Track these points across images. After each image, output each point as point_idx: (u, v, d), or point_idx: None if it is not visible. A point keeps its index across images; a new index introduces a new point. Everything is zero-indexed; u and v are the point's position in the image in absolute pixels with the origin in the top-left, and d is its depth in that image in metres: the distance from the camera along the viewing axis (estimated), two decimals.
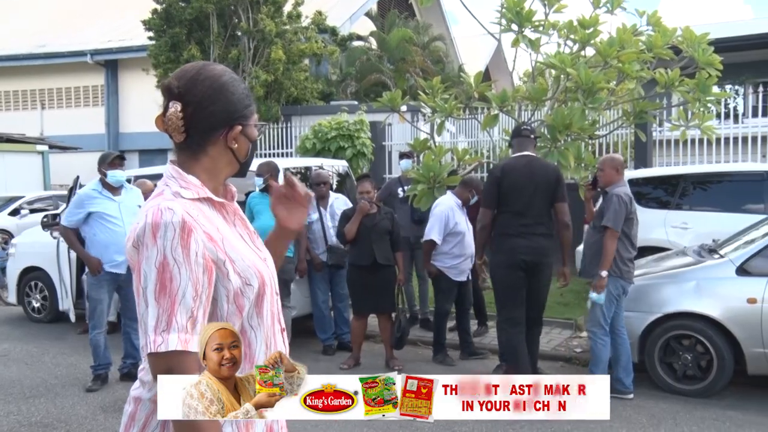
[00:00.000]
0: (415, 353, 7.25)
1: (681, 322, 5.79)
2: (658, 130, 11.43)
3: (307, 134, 11.92)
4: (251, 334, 1.68)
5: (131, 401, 1.71)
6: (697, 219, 7.99)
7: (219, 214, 1.71)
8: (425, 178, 6.87)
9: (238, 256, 1.65)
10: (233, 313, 1.63)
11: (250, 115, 1.75)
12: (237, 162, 1.75)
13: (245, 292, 1.65)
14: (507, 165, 5.68)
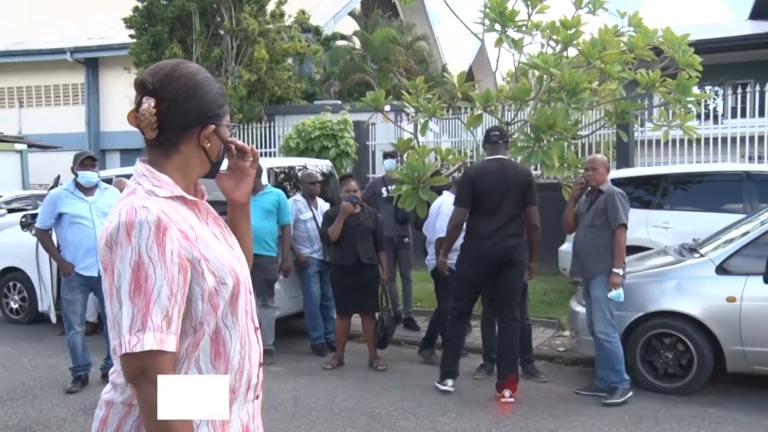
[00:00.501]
0: (398, 353, 7.27)
1: (662, 320, 5.85)
2: (640, 131, 11.52)
3: (291, 134, 11.90)
4: (226, 334, 1.67)
5: (103, 405, 1.69)
6: (678, 218, 8.07)
7: (192, 212, 1.70)
8: (409, 178, 6.87)
9: (213, 255, 1.64)
10: (208, 313, 1.62)
11: (223, 114, 1.74)
12: (209, 162, 1.75)
13: (220, 291, 1.63)
14: (480, 167, 5.89)
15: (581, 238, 5.83)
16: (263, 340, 7.29)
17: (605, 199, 5.67)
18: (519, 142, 7.39)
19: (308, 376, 6.49)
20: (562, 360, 6.90)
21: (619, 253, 5.57)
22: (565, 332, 7.43)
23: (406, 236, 8.05)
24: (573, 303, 6.56)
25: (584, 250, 5.75)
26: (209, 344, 1.64)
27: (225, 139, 1.77)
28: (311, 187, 7.54)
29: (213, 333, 1.65)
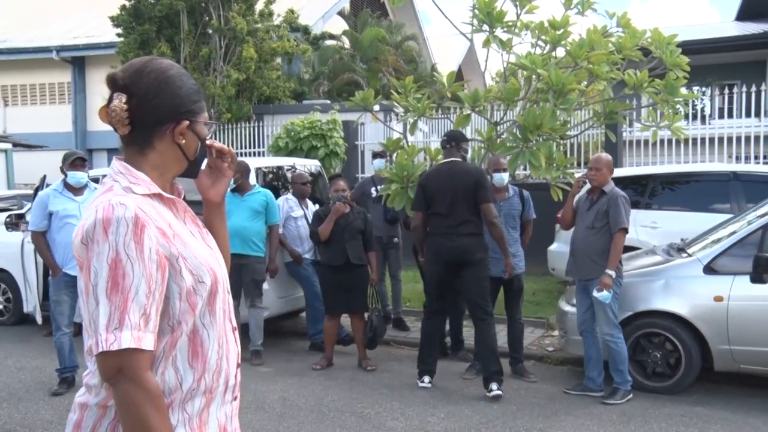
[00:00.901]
0: (388, 353, 7.27)
1: (650, 320, 5.88)
2: (628, 131, 11.59)
3: (280, 133, 11.89)
4: (204, 333, 1.65)
5: (76, 408, 1.66)
6: (666, 218, 8.12)
7: (170, 210, 1.69)
8: (398, 177, 6.89)
9: (191, 253, 1.63)
10: (186, 311, 1.61)
11: (198, 111, 1.73)
12: (185, 159, 1.73)
13: (198, 290, 1.63)
14: (432, 171, 6.20)
15: (580, 239, 5.82)
16: (252, 341, 7.30)
17: (608, 202, 5.65)
18: (507, 142, 7.42)
19: (297, 377, 6.49)
20: (551, 360, 6.92)
21: (614, 256, 5.58)
22: (554, 332, 7.46)
23: (396, 236, 8.06)
24: (562, 303, 6.58)
25: (583, 252, 5.75)
26: (187, 344, 1.63)
27: (202, 136, 1.75)
28: (302, 188, 7.56)
29: (191, 332, 1.63)
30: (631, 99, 8.79)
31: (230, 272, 6.27)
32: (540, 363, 6.87)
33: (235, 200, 7.02)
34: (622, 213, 5.61)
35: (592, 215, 5.74)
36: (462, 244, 5.83)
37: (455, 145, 6.15)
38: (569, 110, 6.85)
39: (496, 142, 7.48)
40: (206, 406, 1.66)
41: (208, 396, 1.66)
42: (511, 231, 6.32)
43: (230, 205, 6.98)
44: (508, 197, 6.34)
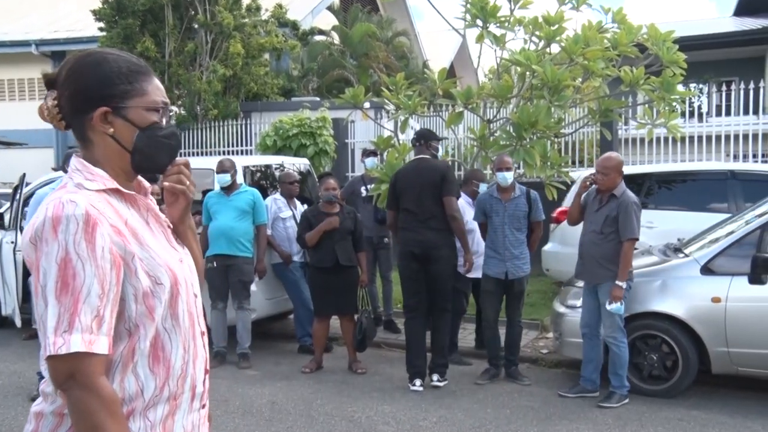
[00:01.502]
0: (378, 356, 7.27)
1: (647, 321, 5.90)
2: (624, 129, 11.62)
3: (268, 131, 11.86)
4: (165, 337, 1.61)
5: (32, 418, 1.60)
6: (663, 218, 8.14)
7: (130, 207, 1.64)
8: (388, 177, 6.90)
9: (148, 253, 1.58)
10: (143, 314, 1.57)
11: (129, 95, 1.63)
12: (125, 151, 1.64)
13: (156, 292, 1.58)
14: (401, 169, 6.46)
15: (588, 242, 5.79)
16: (240, 343, 7.29)
17: (618, 208, 5.60)
18: (500, 140, 7.44)
19: (286, 380, 6.48)
20: (545, 362, 6.94)
21: (624, 267, 5.55)
22: (549, 334, 7.47)
23: (386, 236, 8.04)
24: (556, 304, 6.60)
25: (592, 256, 5.73)
26: (147, 348, 1.58)
27: (139, 123, 1.64)
28: (290, 187, 7.55)
29: (152, 337, 1.59)
30: (627, 96, 8.83)
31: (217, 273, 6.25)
32: (534, 366, 6.88)
33: (221, 200, 7.01)
34: (633, 222, 5.56)
35: (601, 219, 5.70)
36: (428, 238, 6.09)
37: (424, 143, 6.35)
38: (564, 107, 6.88)
39: (489, 141, 7.50)
40: (171, 413, 1.61)
41: (172, 403, 1.62)
42: (515, 232, 6.25)
43: (216, 205, 6.99)
44: (514, 197, 6.28)
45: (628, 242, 5.56)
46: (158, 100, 1.68)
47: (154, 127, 1.66)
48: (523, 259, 6.30)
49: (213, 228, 6.95)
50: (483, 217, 6.40)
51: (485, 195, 6.45)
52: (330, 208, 6.71)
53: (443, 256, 6.10)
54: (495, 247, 6.28)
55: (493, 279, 6.29)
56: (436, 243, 6.07)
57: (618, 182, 5.69)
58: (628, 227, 5.55)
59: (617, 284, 5.53)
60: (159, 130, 1.67)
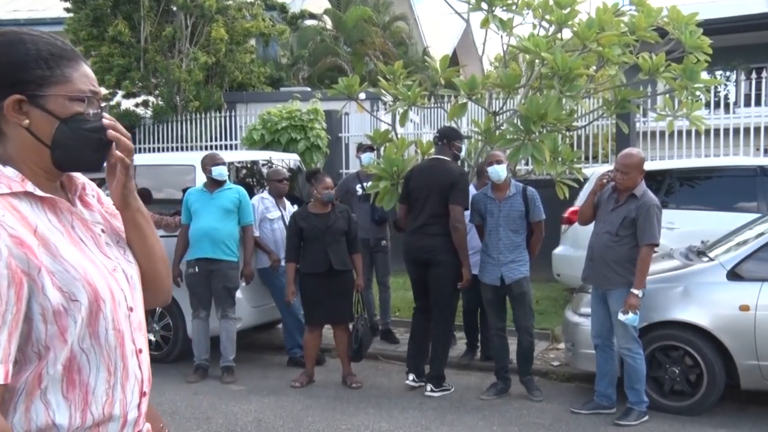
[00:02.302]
0: (375, 368, 7.25)
1: (667, 331, 5.88)
2: (642, 121, 11.62)
3: (255, 124, 11.84)
4: (82, 359, 1.53)
5: None
6: (685, 218, 8.13)
7: (47, 212, 1.56)
8: (387, 173, 6.87)
9: (62, 266, 1.50)
10: (54, 336, 1.48)
11: (48, 82, 1.56)
12: (44, 145, 1.56)
13: (70, 310, 1.50)
14: (417, 166, 6.68)
15: (600, 244, 5.76)
16: (223, 356, 7.26)
17: (638, 210, 5.56)
18: (507, 134, 7.41)
19: (274, 396, 6.45)
20: (556, 375, 6.92)
21: (641, 274, 5.53)
22: (560, 345, 7.45)
23: (384, 238, 8.03)
24: (568, 312, 6.57)
25: (603, 259, 5.70)
26: (60, 373, 1.50)
27: (59, 114, 1.56)
28: (279, 185, 7.51)
29: (65, 360, 1.51)
30: (646, 85, 8.82)
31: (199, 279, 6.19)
32: (544, 379, 6.86)
33: (203, 198, 6.97)
34: (654, 226, 5.53)
35: (617, 220, 5.66)
36: (426, 244, 6.33)
37: (447, 142, 6.51)
38: (576, 98, 6.85)
39: (494, 135, 7.48)
40: None
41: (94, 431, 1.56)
42: (511, 234, 6.21)
43: (198, 203, 6.95)
44: (509, 196, 6.24)
45: (646, 247, 5.54)
46: (84, 88, 1.60)
47: (77, 119, 1.58)
48: (519, 261, 6.25)
49: (195, 229, 6.92)
50: (479, 218, 6.38)
51: (480, 194, 6.44)
52: (322, 208, 6.68)
53: (443, 261, 6.27)
54: (489, 250, 6.27)
55: (490, 287, 6.28)
56: (434, 248, 6.28)
57: (639, 182, 5.67)
58: (648, 231, 5.53)
59: (633, 293, 5.50)
60: (84, 123, 1.59)
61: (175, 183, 7.85)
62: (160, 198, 7.68)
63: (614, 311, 5.64)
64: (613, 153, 11.31)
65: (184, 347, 7.32)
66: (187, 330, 7.29)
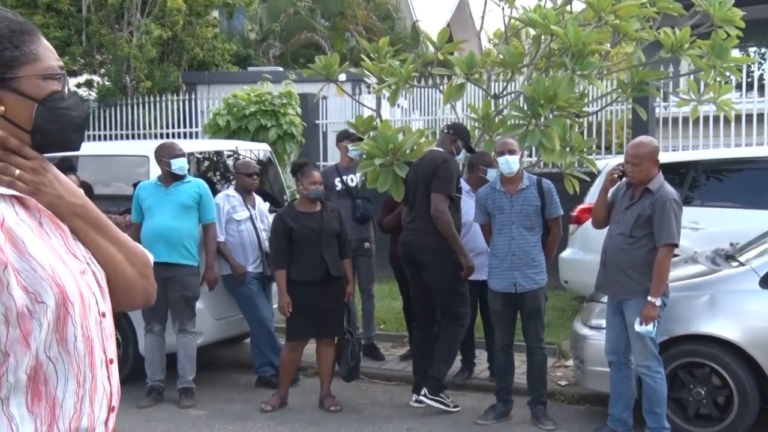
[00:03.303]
0: (356, 389, 7.23)
1: (691, 347, 5.89)
2: (663, 106, 11.67)
3: (218, 109, 11.80)
4: (49, 368, 1.57)
5: None
6: (711, 217, 8.16)
7: (15, 205, 1.60)
8: (382, 152, 6.80)
9: (29, 264, 1.54)
10: (16, 340, 1.52)
11: (18, 63, 1.62)
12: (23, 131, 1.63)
13: (35, 313, 1.53)
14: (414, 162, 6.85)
15: (614, 248, 5.73)
16: (181, 376, 7.21)
17: (653, 206, 5.54)
18: (509, 119, 7.41)
19: (240, 422, 6.43)
20: (564, 397, 6.93)
21: (659, 279, 5.49)
22: (568, 361, 7.47)
23: (368, 239, 8.02)
24: (577, 325, 6.58)
25: (617, 264, 5.68)
26: (23, 382, 1.54)
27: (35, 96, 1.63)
28: (248, 180, 7.43)
29: (29, 368, 1.54)
30: (667, 65, 8.83)
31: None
32: (551, 400, 6.82)
33: (157, 193, 6.90)
34: (672, 223, 5.50)
35: (631, 219, 5.64)
36: (409, 241, 6.63)
37: (452, 135, 6.71)
38: (590, 78, 6.84)
39: (494, 121, 7.48)
40: None
41: None
42: (525, 233, 6.17)
43: (151, 199, 6.87)
44: (522, 189, 6.19)
45: (664, 248, 5.52)
46: (54, 64, 1.67)
47: (54, 99, 1.65)
48: (536, 267, 6.21)
49: (147, 228, 6.84)
50: (485, 217, 6.35)
51: (485, 189, 6.39)
52: (311, 207, 6.65)
53: (429, 261, 6.45)
54: (500, 252, 6.22)
55: (500, 295, 6.24)
56: (415, 247, 6.53)
57: (653, 174, 5.64)
58: (665, 230, 5.51)
59: (650, 301, 5.48)
60: (60, 101, 1.66)
61: (124, 176, 7.80)
62: (107, 194, 7.62)
63: (631, 323, 5.63)
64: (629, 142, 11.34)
65: (135, 366, 7.24)
66: (138, 346, 7.22)
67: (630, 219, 5.64)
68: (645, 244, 5.58)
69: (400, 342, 8.44)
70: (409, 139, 7.00)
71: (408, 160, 6.87)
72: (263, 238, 7.31)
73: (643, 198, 5.62)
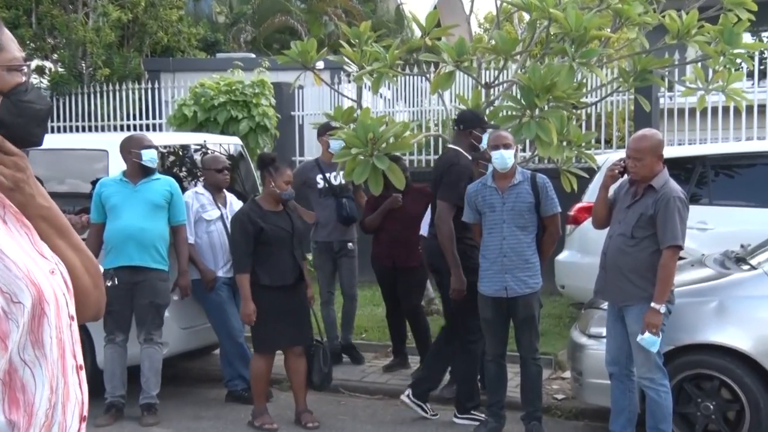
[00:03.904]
0: (336, 405, 7.24)
1: (699, 357, 5.90)
2: (667, 96, 11.70)
3: (184, 99, 11.76)
4: (25, 373, 1.61)
5: None
6: (720, 216, 8.19)
7: None
8: (360, 141, 6.75)
9: (3, 263, 1.59)
10: None
11: None
12: None
13: (11, 313, 1.57)
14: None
15: (614, 249, 5.73)
16: (144, 390, 7.18)
17: (656, 204, 5.54)
18: (501, 110, 7.41)
19: None
20: (561, 411, 6.95)
21: (663, 284, 5.47)
22: (565, 373, 7.49)
23: (351, 240, 8.04)
24: (575, 333, 6.58)
25: (618, 267, 5.68)
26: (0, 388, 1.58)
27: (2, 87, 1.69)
28: (218, 176, 7.38)
29: (3, 373, 1.58)
30: (673, 52, 8.87)
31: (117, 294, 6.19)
32: (546, 416, 6.83)
33: (124, 190, 6.81)
34: (676, 223, 5.50)
35: (633, 219, 5.64)
36: (428, 245, 6.87)
37: (464, 129, 6.74)
38: (591, 66, 6.85)
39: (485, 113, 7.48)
40: None
41: None
42: (518, 232, 6.15)
43: (117, 197, 6.78)
44: (514, 184, 6.17)
45: (668, 251, 5.52)
46: (19, 55, 1.72)
47: (18, 92, 1.70)
48: (528, 269, 6.18)
49: (115, 229, 6.76)
50: (475, 215, 6.32)
51: (475, 186, 6.36)
52: (276, 205, 6.64)
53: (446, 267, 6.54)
54: (490, 254, 6.20)
55: (490, 300, 6.23)
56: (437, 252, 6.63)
57: (657, 170, 5.65)
58: (669, 231, 5.50)
59: (653, 307, 5.47)
60: (23, 94, 1.71)
61: (80, 172, 7.74)
62: (61, 191, 7.54)
63: (633, 332, 5.64)
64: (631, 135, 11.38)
65: (92, 380, 7.18)
66: (96, 359, 7.16)
67: (632, 219, 5.65)
68: (648, 246, 5.58)
69: (383, 352, 8.44)
70: (390, 129, 6.93)
71: (389, 151, 6.82)
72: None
73: (645, 196, 5.63)
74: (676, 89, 10.66)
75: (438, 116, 12.61)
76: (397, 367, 7.90)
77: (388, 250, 7.71)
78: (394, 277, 7.78)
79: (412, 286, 7.77)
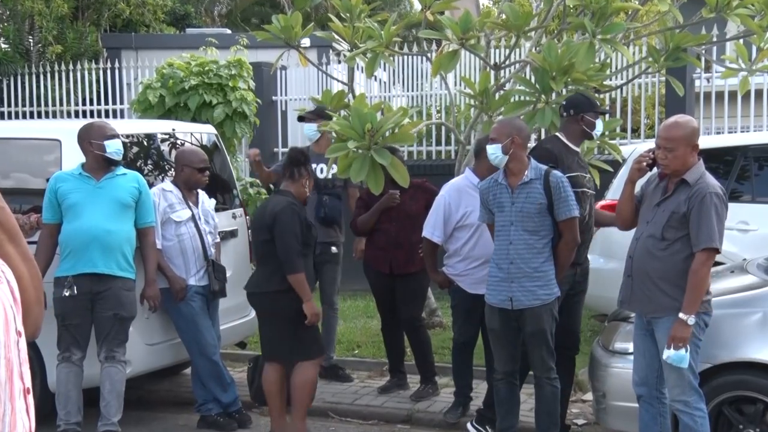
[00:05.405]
0: (324, 431, 7.24)
1: (740, 377, 5.91)
2: (704, 78, 11.72)
3: (150, 81, 11.75)
4: None
5: None
6: (764, 215, 8.21)
7: None
8: (356, 133, 6.73)
9: None
10: None
11: None
12: None
13: None
14: None
15: (642, 253, 5.71)
16: (104, 415, 7.19)
17: (689, 201, 5.51)
18: (512, 95, 7.43)
19: None
20: None
21: (695, 292, 5.44)
22: (586, 395, 7.52)
23: (335, 243, 8.05)
24: (597, 349, 6.59)
25: (646, 273, 5.67)
26: None
27: None
28: (198, 176, 7.29)
29: None
30: (710, 27, 8.90)
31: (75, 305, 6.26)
32: None
33: (85, 186, 6.75)
34: (713, 222, 5.46)
35: (663, 218, 5.63)
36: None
37: (575, 114, 6.51)
38: (614, 44, 6.87)
39: (494, 98, 7.50)
40: None
41: None
42: (526, 236, 6.12)
43: (78, 194, 6.70)
44: (524, 182, 6.15)
45: (703, 254, 5.49)
46: None
47: None
48: (538, 279, 6.16)
49: (75, 231, 6.71)
50: (488, 215, 6.34)
51: (488, 182, 6.35)
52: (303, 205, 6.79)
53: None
54: (497, 259, 6.23)
55: (497, 311, 6.25)
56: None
57: (691, 162, 5.63)
58: (704, 231, 5.48)
59: (681, 318, 5.44)
60: None
61: (28, 165, 7.71)
62: (5, 187, 7.50)
63: (663, 348, 5.65)
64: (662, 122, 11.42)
65: (43, 405, 7.16)
66: (47, 380, 7.14)
67: (662, 218, 5.64)
68: (680, 249, 5.56)
69: (378, 371, 8.44)
70: (390, 118, 6.90)
71: (388, 144, 6.80)
72: (208, 244, 7.28)
73: (678, 191, 5.61)
74: (714, 70, 10.70)
75: (441, 101, 12.63)
76: (394, 387, 7.88)
77: (384, 254, 7.69)
78: (391, 285, 7.73)
79: (411, 294, 7.72)
